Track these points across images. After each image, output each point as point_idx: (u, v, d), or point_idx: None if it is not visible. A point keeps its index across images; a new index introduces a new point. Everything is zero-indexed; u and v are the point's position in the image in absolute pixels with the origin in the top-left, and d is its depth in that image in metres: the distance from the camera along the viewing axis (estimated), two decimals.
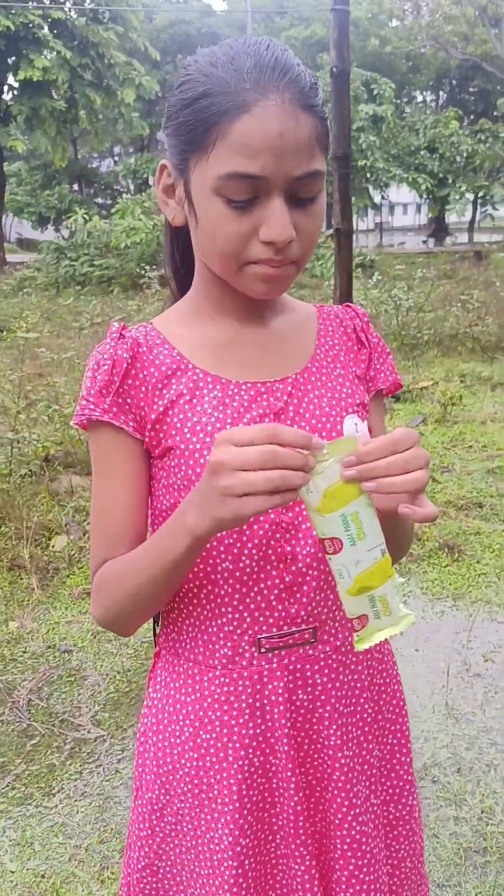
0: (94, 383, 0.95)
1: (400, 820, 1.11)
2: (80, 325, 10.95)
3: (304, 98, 0.83)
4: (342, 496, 0.80)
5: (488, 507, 4.38)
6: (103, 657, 3.07)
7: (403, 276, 12.53)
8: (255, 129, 0.81)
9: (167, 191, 0.95)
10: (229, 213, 0.85)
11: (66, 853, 2.13)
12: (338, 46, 3.44)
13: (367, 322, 1.09)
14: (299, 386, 0.98)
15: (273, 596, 0.95)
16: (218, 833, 0.98)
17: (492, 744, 2.51)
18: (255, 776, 0.98)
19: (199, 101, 0.84)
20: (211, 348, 0.98)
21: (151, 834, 1.04)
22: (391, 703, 1.11)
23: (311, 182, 0.86)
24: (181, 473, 0.94)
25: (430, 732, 2.57)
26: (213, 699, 0.98)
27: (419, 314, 9.33)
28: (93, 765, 2.48)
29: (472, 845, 2.12)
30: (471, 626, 3.22)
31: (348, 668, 1.02)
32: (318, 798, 1.01)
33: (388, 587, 0.84)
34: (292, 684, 0.98)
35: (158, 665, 1.07)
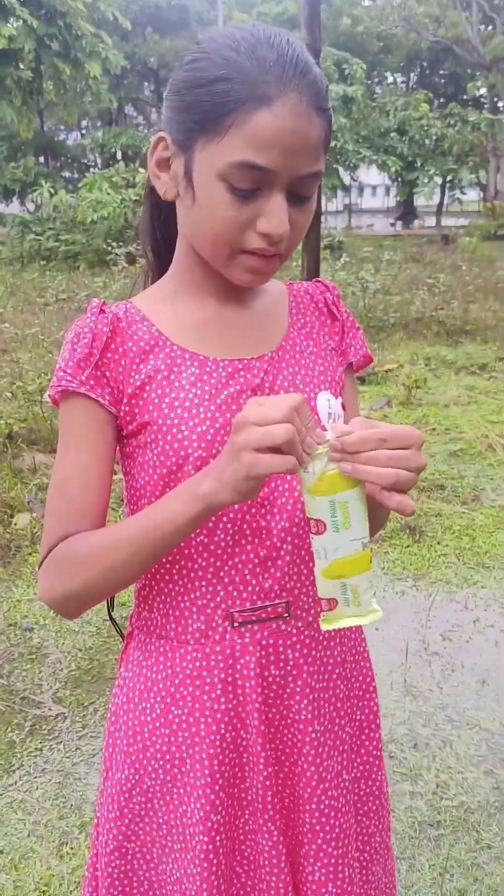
0: (72, 355, 0.95)
1: (370, 796, 1.13)
2: (44, 300, 10.82)
3: (320, 101, 0.85)
4: (335, 483, 0.82)
5: (450, 490, 4.44)
6: (65, 635, 3.07)
7: (371, 258, 12.57)
8: (273, 124, 0.82)
9: (160, 164, 0.94)
10: (231, 200, 0.86)
11: (25, 829, 2.14)
12: (309, 24, 3.42)
13: (338, 295, 1.11)
14: (274, 363, 0.99)
15: (247, 570, 0.96)
16: (190, 808, 1.00)
17: (448, 720, 2.57)
18: (227, 751, 0.99)
19: (216, 84, 0.83)
20: (190, 326, 0.98)
21: (120, 815, 1.04)
22: (360, 681, 1.12)
23: (312, 181, 0.88)
24: (158, 449, 0.94)
25: (388, 709, 2.62)
26: (185, 675, 0.99)
27: (385, 297, 9.38)
28: (53, 741, 2.48)
29: (427, 819, 2.17)
30: (430, 605, 3.27)
31: (321, 644, 1.03)
32: (287, 773, 1.03)
33: (361, 580, 0.86)
34: (265, 659, 0.99)
35: (131, 645, 1.08)
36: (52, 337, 6.95)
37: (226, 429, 0.93)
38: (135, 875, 1.06)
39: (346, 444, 0.79)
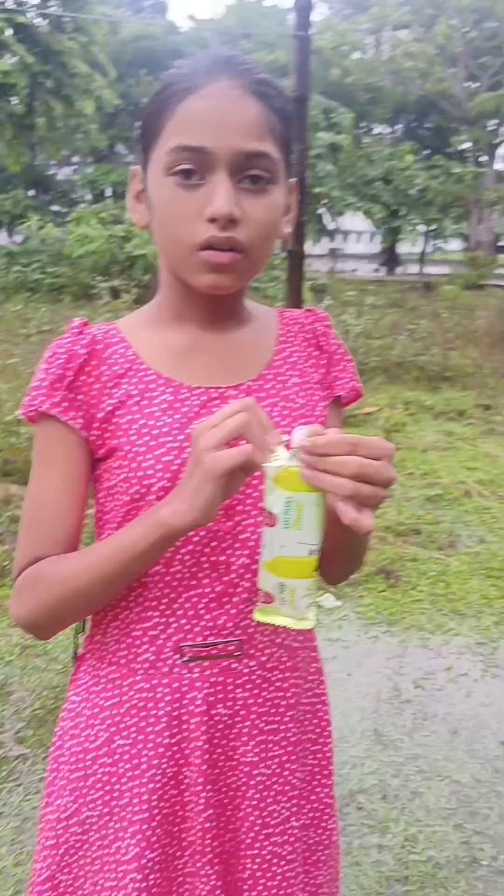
0: (46, 375, 0.94)
1: (319, 845, 1.09)
2: (27, 331, 10.80)
3: (255, 85, 0.87)
4: (297, 482, 0.80)
5: (426, 535, 4.43)
6: (31, 672, 3.00)
7: (354, 301, 12.72)
8: (199, 105, 0.85)
9: (138, 196, 0.96)
10: (178, 193, 0.86)
11: None
12: (298, 71, 3.49)
13: (328, 326, 1.09)
14: (251, 393, 0.97)
15: (202, 604, 0.94)
16: (125, 843, 0.96)
17: (418, 771, 2.52)
18: (168, 787, 0.96)
19: (157, 95, 0.88)
20: (167, 352, 0.97)
21: (56, 844, 1.00)
22: (314, 724, 1.09)
23: (259, 163, 0.86)
24: (122, 475, 0.92)
25: (357, 758, 2.57)
26: (132, 704, 0.97)
27: (367, 340, 9.46)
28: (12, 783, 2.40)
29: (395, 874, 2.11)
30: (403, 652, 3.24)
31: (273, 686, 1.00)
32: (229, 816, 0.99)
33: (300, 585, 0.84)
34: (212, 697, 0.96)
35: (81, 668, 1.05)
36: (31, 368, 6.91)
37: None
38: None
39: (315, 445, 0.77)
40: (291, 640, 1.03)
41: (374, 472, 0.76)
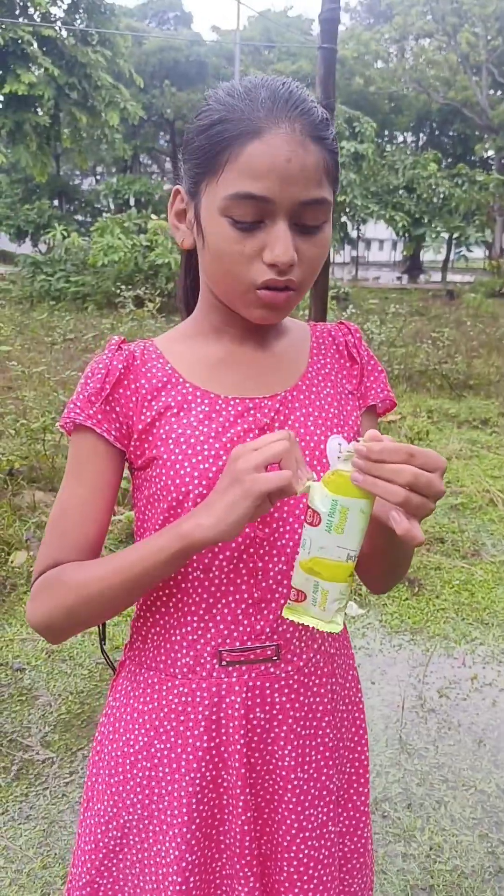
0: (84, 389, 0.97)
1: (354, 853, 1.10)
2: (52, 339, 10.90)
3: (315, 129, 0.87)
4: (347, 487, 0.80)
5: (450, 543, 4.42)
6: (56, 677, 3.02)
7: (376, 310, 12.70)
8: (264, 153, 0.84)
9: (179, 215, 0.97)
10: (234, 235, 0.87)
11: (7, 878, 2.08)
12: (324, 83, 3.51)
13: (360, 338, 1.11)
14: (287, 403, 0.99)
15: (240, 610, 0.96)
16: (165, 846, 0.97)
17: (443, 780, 2.51)
18: (207, 790, 0.97)
19: (213, 126, 0.87)
20: (204, 365, 1.00)
21: (95, 849, 1.02)
22: (352, 732, 1.10)
23: (317, 209, 0.88)
24: (160, 483, 0.95)
25: (382, 766, 2.56)
26: (171, 709, 0.98)
27: (390, 349, 9.45)
28: (39, 787, 2.42)
29: (419, 882, 2.11)
30: (427, 660, 3.23)
31: (310, 690, 1.01)
32: (266, 819, 1.00)
33: (334, 588, 0.85)
34: (250, 701, 0.97)
35: (122, 674, 1.07)
36: (57, 376, 6.99)
37: None
38: None
39: (371, 451, 0.78)
40: (329, 646, 1.04)
41: (427, 483, 0.77)
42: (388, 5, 37.12)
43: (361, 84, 33.12)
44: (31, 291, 16.30)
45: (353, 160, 23.38)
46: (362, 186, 24.30)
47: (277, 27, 38.79)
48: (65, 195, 34.65)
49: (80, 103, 23.30)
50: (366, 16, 44.34)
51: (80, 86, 22.69)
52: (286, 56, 35.01)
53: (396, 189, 25.55)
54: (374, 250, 57.48)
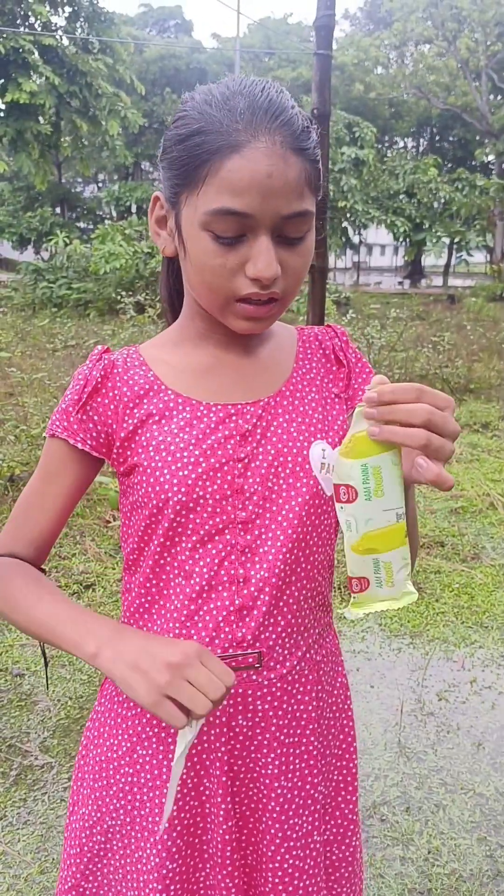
0: (64, 401, 1.00)
1: (342, 861, 1.09)
2: (53, 346, 10.93)
3: (296, 141, 0.85)
4: (367, 446, 0.78)
5: (449, 547, 4.42)
6: (56, 682, 3.03)
7: (378, 315, 12.73)
8: (244, 168, 0.82)
9: (159, 222, 0.96)
10: (216, 249, 0.87)
11: (5, 883, 2.08)
12: (319, 89, 3.53)
13: (346, 341, 1.10)
14: (270, 409, 0.98)
15: (221, 617, 0.95)
16: (146, 853, 0.97)
17: (442, 783, 2.51)
18: (188, 798, 0.97)
19: (192, 138, 0.85)
20: (188, 373, 0.99)
21: (80, 853, 1.02)
22: (339, 739, 1.10)
23: (299, 222, 0.87)
24: (142, 491, 0.95)
25: (380, 770, 2.56)
26: (153, 714, 0.98)
27: (391, 353, 9.46)
28: (38, 792, 2.43)
29: (417, 886, 2.10)
30: (426, 664, 3.22)
31: (294, 698, 1.01)
32: (251, 828, 1.00)
33: (395, 556, 0.81)
34: (232, 708, 0.97)
35: (108, 680, 1.07)
36: (58, 382, 7.01)
37: (208, 473, 0.93)
38: None
39: (382, 392, 0.77)
40: (314, 654, 1.03)
41: (442, 421, 0.76)
42: (387, 11, 37.25)
43: (361, 90, 33.21)
44: (34, 298, 16.34)
45: (353, 166, 23.45)
46: (363, 192, 24.37)
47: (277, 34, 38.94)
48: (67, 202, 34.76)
49: (81, 111, 23.38)
50: (365, 22, 44.48)
51: (80, 94, 22.78)
52: (286, 63, 35.14)
53: (397, 194, 25.62)
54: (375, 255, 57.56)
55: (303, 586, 0.99)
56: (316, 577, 1.01)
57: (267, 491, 0.95)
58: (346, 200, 23.25)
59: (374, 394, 0.77)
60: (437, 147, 38.52)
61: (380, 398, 0.77)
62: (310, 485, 0.96)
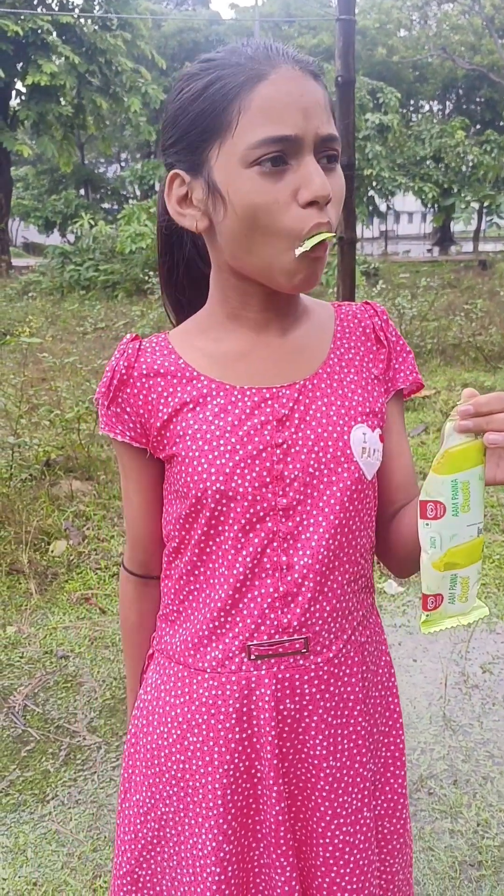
0: (99, 397, 1.00)
1: (393, 834, 1.10)
2: (83, 329, 10.97)
3: (312, 67, 0.86)
4: (461, 461, 0.79)
5: (489, 518, 4.37)
6: (100, 663, 3.06)
7: (408, 284, 12.56)
8: (278, 91, 0.83)
9: (181, 201, 0.92)
10: (265, 184, 0.83)
11: (59, 861, 2.12)
12: (343, 56, 3.45)
13: (387, 320, 1.06)
14: (307, 392, 0.96)
15: (266, 604, 0.95)
16: (201, 838, 0.98)
17: (489, 756, 2.50)
18: (240, 781, 0.98)
19: (210, 87, 0.85)
20: (220, 357, 0.97)
21: (134, 839, 1.04)
22: (386, 717, 1.10)
23: (334, 145, 0.87)
24: (181, 480, 0.95)
25: (426, 744, 2.56)
26: (202, 702, 0.98)
27: (422, 323, 9.33)
28: (87, 772, 2.47)
29: (468, 859, 2.10)
30: (469, 637, 3.20)
31: (340, 681, 1.00)
32: (299, 807, 1.01)
33: (472, 571, 0.83)
34: (280, 693, 0.97)
35: (150, 667, 1.08)
36: (89, 365, 7.04)
37: (246, 461, 0.92)
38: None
39: (478, 405, 0.79)
40: (359, 635, 1.03)
41: None
42: None
43: (384, 54, 32.55)
44: (61, 282, 16.38)
45: (378, 132, 23.08)
46: (388, 158, 23.98)
47: (297, 1, 38.24)
48: (91, 184, 34.75)
49: (101, 90, 23.30)
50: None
51: (101, 72, 22.68)
52: (306, 30, 34.55)
53: (424, 159, 25.17)
54: (403, 223, 56.77)
55: (346, 570, 0.98)
56: (359, 560, 1.00)
57: (308, 477, 0.93)
58: (372, 168, 22.91)
59: (469, 406, 0.79)
60: (464, 109, 37.68)
61: (476, 410, 0.79)
62: (351, 470, 0.95)
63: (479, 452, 0.80)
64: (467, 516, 0.80)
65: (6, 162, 23.78)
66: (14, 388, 5.43)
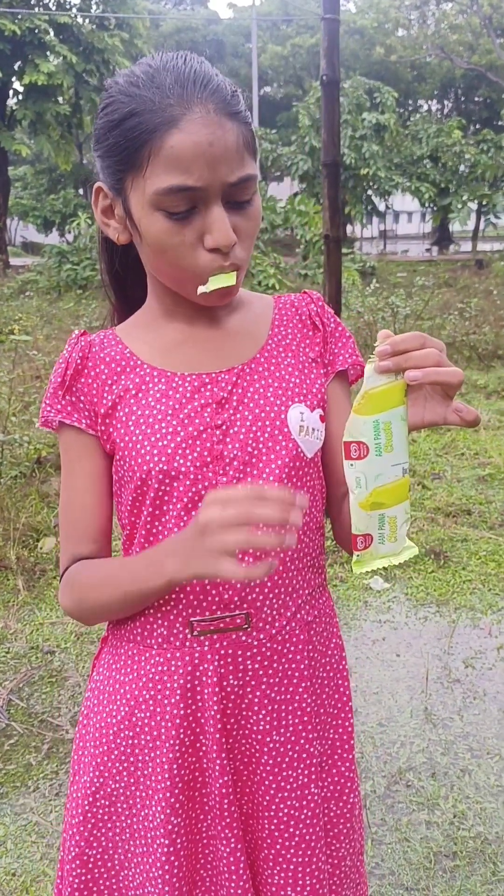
0: (51, 385, 1.02)
1: (340, 818, 1.11)
2: (78, 328, 10.96)
3: (228, 106, 0.87)
4: (381, 401, 0.81)
5: (476, 515, 4.39)
6: (85, 658, 3.08)
7: (403, 283, 12.57)
8: (185, 141, 0.84)
9: (106, 212, 0.97)
10: (171, 227, 0.88)
11: (38, 852, 2.14)
12: (328, 55, 3.46)
13: (322, 306, 1.11)
14: (245, 376, 1.00)
15: (207, 581, 0.97)
16: (151, 811, 1.01)
17: (468, 749, 2.52)
18: (187, 756, 1.00)
19: (125, 121, 0.86)
20: (161, 346, 1.01)
21: (83, 820, 1.05)
22: (334, 699, 1.11)
23: (245, 186, 0.89)
24: (125, 466, 0.98)
25: (406, 737, 2.58)
26: (149, 678, 1.01)
27: (417, 322, 9.35)
28: (69, 765, 2.48)
29: (443, 850, 2.12)
30: (452, 632, 3.22)
31: (284, 657, 1.03)
32: (245, 780, 1.03)
33: (399, 510, 0.84)
34: (223, 669, 0.99)
35: (104, 650, 1.10)
36: None
37: (187, 442, 0.95)
38: (95, 885, 1.06)
39: (394, 343, 0.80)
40: (305, 614, 1.05)
41: (446, 361, 0.82)
42: None
43: (382, 53, 32.55)
44: (58, 281, 16.38)
45: (374, 132, 23.05)
46: (385, 158, 23.96)
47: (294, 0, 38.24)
48: (89, 183, 34.71)
49: (99, 89, 23.24)
50: None
51: (98, 71, 22.66)
52: (304, 29, 34.54)
53: (421, 159, 25.15)
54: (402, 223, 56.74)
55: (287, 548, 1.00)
56: (302, 538, 1.02)
57: (247, 456, 0.96)
58: (369, 167, 22.88)
59: (386, 346, 0.81)
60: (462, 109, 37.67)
61: (394, 349, 0.81)
62: (289, 448, 0.98)
63: (400, 393, 0.82)
64: (391, 456, 0.81)
65: (4, 161, 23.78)
66: (5, 385, 5.44)
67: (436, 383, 0.82)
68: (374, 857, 2.10)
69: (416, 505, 4.51)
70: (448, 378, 0.80)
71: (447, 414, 0.84)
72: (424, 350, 0.80)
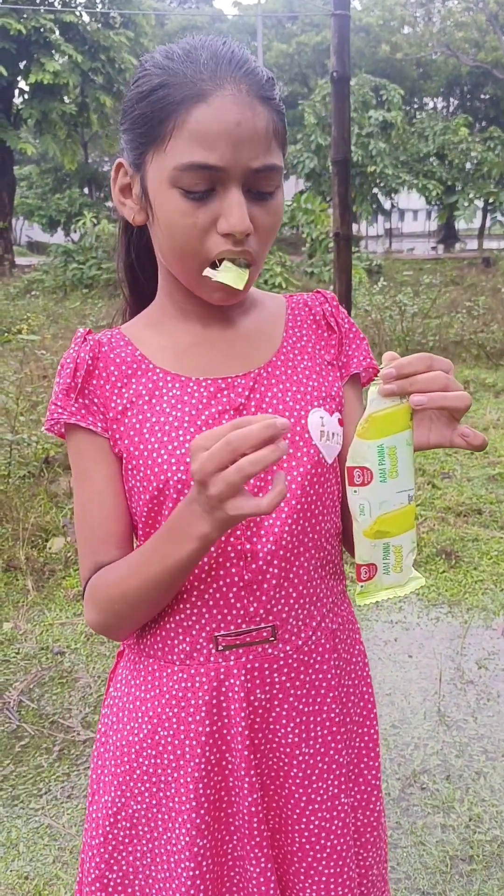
0: (58, 387, 0.96)
1: (367, 826, 1.09)
2: (84, 327, 10.96)
3: (262, 90, 0.83)
4: (386, 425, 0.78)
5: (487, 514, 4.37)
6: (96, 659, 3.07)
7: (410, 281, 12.54)
8: (212, 118, 0.81)
9: (124, 191, 0.94)
10: (186, 206, 0.84)
11: (51, 855, 2.13)
12: (338, 52, 3.44)
13: (337, 306, 1.07)
14: (262, 380, 0.96)
15: (231, 593, 0.94)
16: (175, 833, 0.97)
17: (482, 751, 2.50)
18: (213, 774, 0.97)
19: (155, 92, 0.83)
20: (173, 349, 0.97)
21: (103, 842, 1.02)
22: (360, 707, 1.09)
23: (269, 176, 0.86)
24: (140, 475, 0.93)
25: (420, 739, 2.56)
26: (171, 695, 0.98)
27: (424, 320, 9.32)
28: (81, 767, 2.47)
29: (459, 853, 2.10)
30: (465, 632, 3.20)
31: (311, 668, 1.00)
32: (272, 795, 1.00)
33: (405, 539, 0.81)
34: (250, 683, 0.96)
35: (120, 664, 1.07)
36: None
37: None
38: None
39: (400, 366, 0.78)
40: (330, 622, 1.03)
41: (453, 384, 0.79)
42: None
43: (388, 51, 32.47)
44: (64, 280, 16.37)
45: (381, 129, 23.02)
46: (392, 156, 23.92)
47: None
48: (94, 182, 34.76)
49: (105, 87, 23.27)
50: None
51: (104, 70, 22.66)
52: (310, 27, 34.47)
53: (427, 156, 25.11)
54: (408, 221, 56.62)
55: (311, 556, 0.98)
56: (324, 545, 1.00)
57: None
58: (375, 165, 22.85)
59: (391, 370, 0.78)
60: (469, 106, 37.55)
61: (399, 372, 0.78)
62: (310, 454, 0.95)
63: (405, 416, 0.79)
64: (396, 482, 0.79)
65: (10, 161, 23.78)
66: (13, 385, 5.43)
67: (442, 408, 0.79)
68: (390, 861, 2.08)
69: (426, 504, 4.49)
70: (454, 403, 0.78)
71: (453, 437, 0.82)
72: (431, 373, 0.78)
